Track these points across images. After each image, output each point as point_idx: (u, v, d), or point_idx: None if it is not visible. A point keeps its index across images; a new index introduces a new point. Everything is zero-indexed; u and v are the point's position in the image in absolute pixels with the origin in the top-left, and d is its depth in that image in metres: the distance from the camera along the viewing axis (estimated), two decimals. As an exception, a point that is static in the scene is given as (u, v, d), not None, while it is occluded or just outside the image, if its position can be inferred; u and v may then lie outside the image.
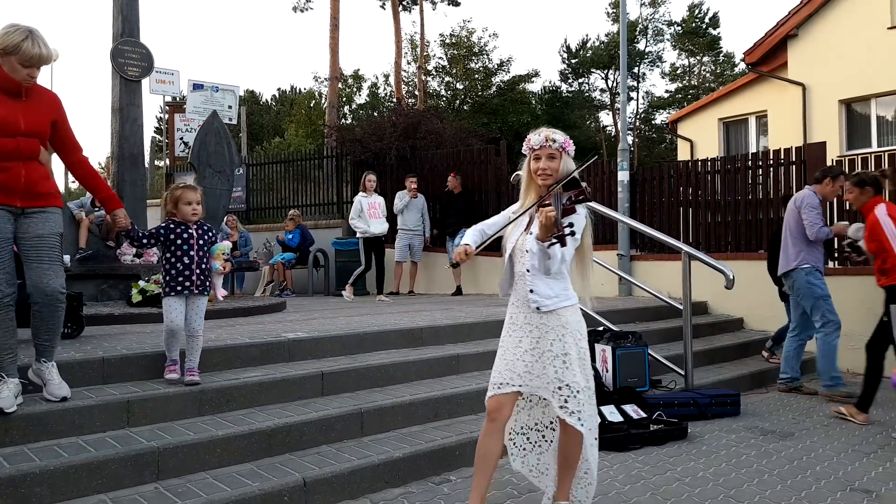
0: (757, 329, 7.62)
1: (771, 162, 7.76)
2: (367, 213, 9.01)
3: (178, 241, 3.99)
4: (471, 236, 3.16)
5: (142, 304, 6.35)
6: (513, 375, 3.00)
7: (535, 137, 3.02)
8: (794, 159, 7.54)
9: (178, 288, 3.94)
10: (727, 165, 8.27)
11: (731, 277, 5.13)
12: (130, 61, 7.39)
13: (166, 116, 15.32)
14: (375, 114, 12.09)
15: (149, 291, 6.41)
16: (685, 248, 5.41)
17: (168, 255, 3.99)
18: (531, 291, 3.01)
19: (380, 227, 9.07)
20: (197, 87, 13.81)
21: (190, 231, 4.03)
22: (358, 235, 9.22)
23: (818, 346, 5.77)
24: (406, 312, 6.89)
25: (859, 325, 6.90)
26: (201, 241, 4.05)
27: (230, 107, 13.82)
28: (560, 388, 2.96)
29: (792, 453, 4.31)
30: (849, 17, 14.75)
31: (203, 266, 4.02)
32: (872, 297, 6.82)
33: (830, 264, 7.27)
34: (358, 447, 3.82)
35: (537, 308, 3.01)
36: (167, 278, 3.97)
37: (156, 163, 18.47)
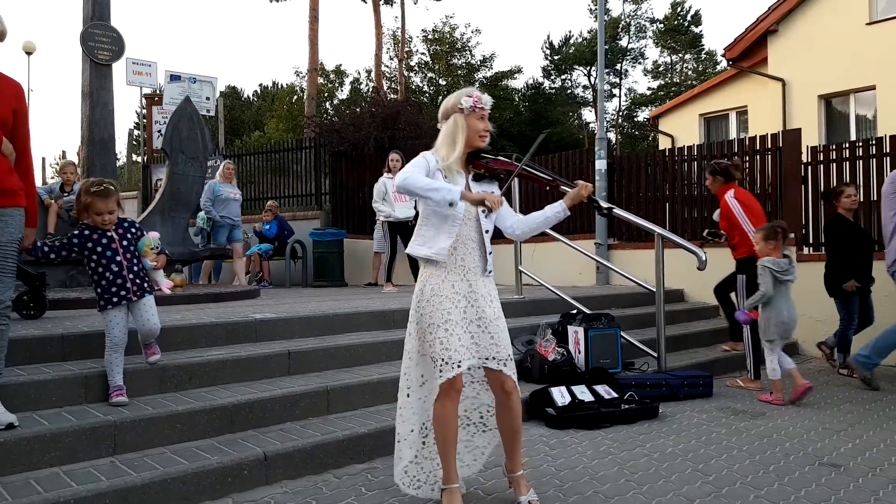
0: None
1: (747, 149, 7.77)
2: (392, 195, 8.39)
3: (99, 249, 3.57)
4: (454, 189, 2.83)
5: (111, 290, 6.24)
6: (466, 350, 2.87)
7: (486, 97, 2.98)
8: (769, 146, 7.56)
9: (115, 299, 3.55)
10: (704, 153, 8.27)
11: (704, 259, 5.11)
12: (101, 45, 7.26)
13: (145, 111, 15.14)
14: (358, 110, 11.89)
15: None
16: (658, 229, 5.39)
17: (93, 265, 3.58)
18: (490, 254, 3.00)
19: (405, 210, 8.35)
20: (174, 78, 13.66)
21: (109, 235, 3.59)
22: (381, 219, 8.66)
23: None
24: (381, 298, 6.84)
25: (833, 311, 6.94)
26: (125, 242, 3.63)
27: (208, 98, 13.67)
28: (499, 352, 2.93)
29: (762, 431, 4.30)
30: (828, 13, 14.86)
31: (136, 268, 3.64)
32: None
33: (806, 251, 7.30)
34: (323, 424, 3.77)
35: (490, 272, 3.02)
36: (99, 290, 3.56)
37: (134, 157, 18.25)
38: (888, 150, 6.85)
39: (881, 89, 13.77)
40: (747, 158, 7.76)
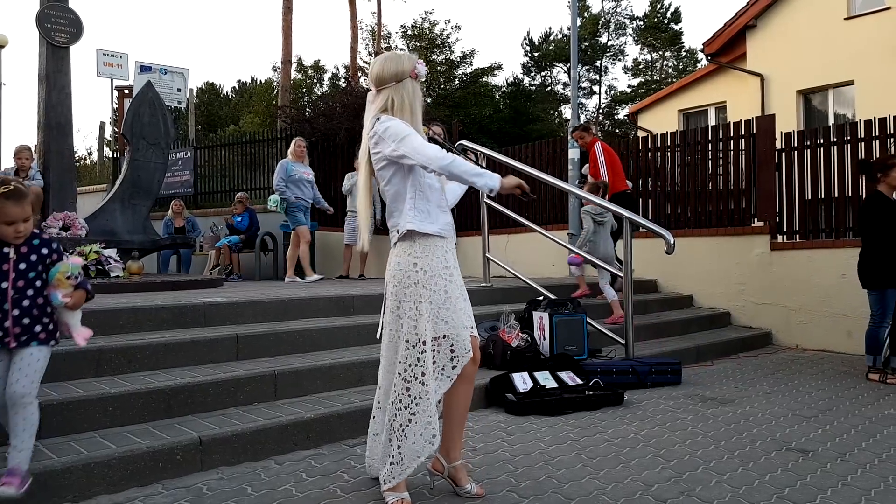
0: (706, 306, 7.52)
1: (721, 136, 7.67)
2: None
3: None
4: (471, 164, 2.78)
5: (63, 277, 6.01)
6: (469, 320, 2.79)
7: (422, 68, 2.83)
8: (743, 133, 7.46)
9: None
10: (678, 142, 8.15)
11: (672, 242, 4.97)
12: (58, 26, 7.02)
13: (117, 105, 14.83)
14: (329, 103, 11.65)
15: (71, 264, 6.07)
16: (625, 213, 5.24)
17: None
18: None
19: None
20: (145, 69, 13.38)
21: (5, 251, 2.64)
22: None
23: None
24: (342, 285, 6.65)
25: (806, 300, 6.85)
26: (23, 266, 2.64)
27: (179, 90, 13.42)
28: (472, 321, 2.84)
29: (729, 417, 4.16)
30: (806, 8, 14.85)
31: (28, 302, 2.63)
32: (821, 271, 6.77)
33: (779, 239, 7.20)
34: (269, 409, 3.57)
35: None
36: None
37: (105, 153, 17.93)
38: (862, 136, 6.75)
39: (859, 84, 13.77)
40: (721, 146, 7.66)
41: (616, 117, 33.90)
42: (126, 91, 14.27)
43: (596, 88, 34.63)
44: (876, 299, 5.27)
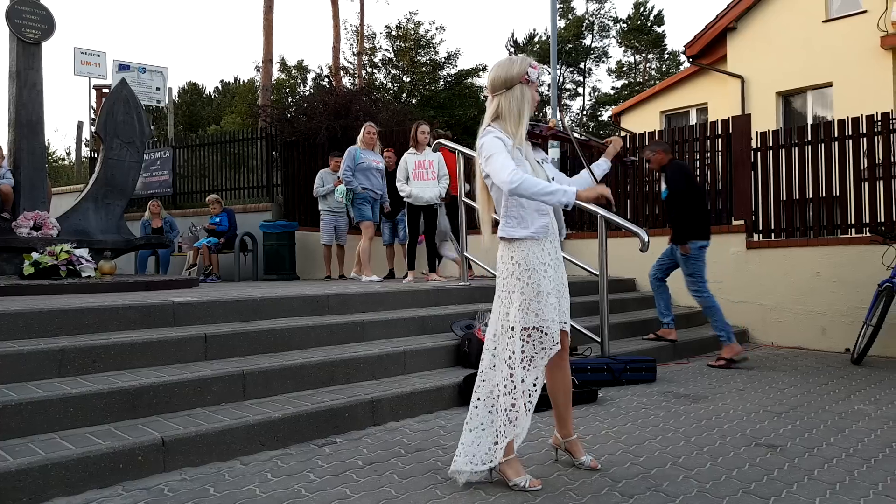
0: (683, 304, 7.52)
1: (697, 136, 7.69)
2: (413, 173, 7.22)
3: None
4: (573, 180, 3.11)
5: (34, 277, 5.93)
6: (565, 315, 2.98)
7: (535, 72, 2.92)
8: (719, 133, 7.49)
9: None
10: (664, 140, 8.15)
11: (646, 240, 4.96)
12: (29, 23, 6.94)
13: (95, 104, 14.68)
14: (307, 104, 11.57)
15: (42, 264, 5.99)
16: (601, 211, 5.23)
17: None
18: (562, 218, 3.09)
19: (426, 190, 7.19)
20: (123, 67, 13.27)
21: None
22: (405, 200, 7.35)
23: None
24: (317, 284, 6.60)
25: (782, 298, 6.89)
26: None
27: (158, 89, 13.31)
28: (569, 316, 3.04)
29: (701, 414, 4.16)
30: (785, 11, 14.96)
31: None
32: (796, 269, 6.80)
33: (755, 237, 7.23)
34: (237, 409, 3.53)
35: (564, 236, 3.09)
36: None
37: (83, 153, 17.73)
38: (836, 135, 6.80)
39: (837, 85, 13.89)
40: (698, 143, 7.69)
41: (600, 119, 34.01)
42: (104, 90, 14.14)
43: (580, 90, 34.74)
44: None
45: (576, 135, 3.27)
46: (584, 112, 34.10)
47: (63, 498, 2.72)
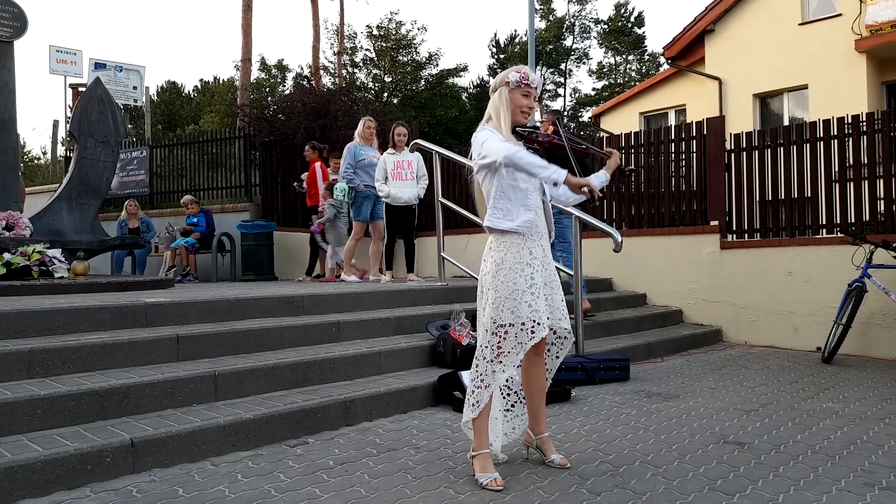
0: (659, 304, 7.61)
1: (673, 138, 7.76)
2: (392, 173, 7.20)
3: None
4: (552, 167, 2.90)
5: (5, 278, 5.86)
6: (545, 311, 2.98)
7: (533, 74, 3.05)
8: (694, 134, 7.57)
9: None
10: (640, 141, 8.23)
11: (619, 241, 5.00)
12: (0, 20, 6.85)
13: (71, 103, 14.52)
14: (287, 103, 11.53)
15: (14, 264, 5.93)
16: (575, 211, 5.27)
17: None
18: (552, 219, 3.13)
19: (405, 191, 7.19)
20: (99, 66, 13.15)
21: None
22: (384, 200, 7.35)
23: None
24: (293, 284, 6.58)
25: (755, 298, 6.97)
26: None
27: (135, 87, 13.20)
28: (564, 315, 3.10)
29: (672, 412, 4.21)
30: (762, 13, 15.15)
31: None
32: (769, 269, 6.89)
33: (729, 238, 7.31)
34: (208, 410, 3.52)
35: (553, 237, 3.16)
36: None
37: (59, 152, 17.53)
38: (808, 137, 6.90)
39: (813, 87, 14.08)
40: (673, 144, 7.76)
41: (581, 119, 34.18)
42: (81, 88, 14.00)
43: (560, 91, 34.90)
44: None
45: (575, 142, 3.31)
46: (566, 113, 34.25)
47: (29, 500, 2.70)
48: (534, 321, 2.90)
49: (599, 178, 3.23)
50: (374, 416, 3.97)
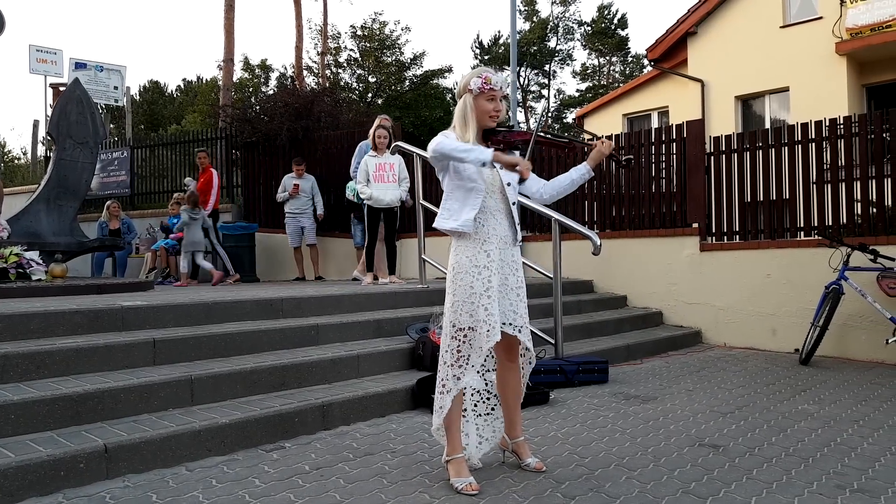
0: (639, 306, 7.66)
1: (653, 140, 7.81)
2: (373, 175, 7.21)
3: None
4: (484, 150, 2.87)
5: (-19, 281, 5.81)
6: (496, 317, 2.95)
7: (495, 77, 3.02)
8: (675, 137, 7.61)
9: None
10: (621, 144, 8.26)
11: (598, 244, 5.03)
12: (-22, 20, 6.78)
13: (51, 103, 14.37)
14: (270, 103, 11.48)
15: (-10, 267, 5.87)
16: (554, 214, 5.30)
17: None
18: (518, 224, 3.10)
19: (387, 193, 7.21)
20: (80, 65, 13.03)
21: None
22: (365, 202, 7.30)
23: None
24: (272, 287, 6.55)
25: (734, 299, 7.03)
26: None
27: (116, 87, 13.09)
28: (516, 319, 3.04)
29: (649, 415, 4.24)
30: (744, 16, 15.26)
31: None
32: (748, 271, 6.95)
33: (709, 240, 7.37)
34: (184, 415, 3.50)
35: (519, 242, 3.12)
36: None
37: (39, 152, 17.36)
38: (786, 141, 6.96)
39: (794, 90, 14.20)
40: (653, 147, 7.81)
41: (564, 121, 34.31)
42: (61, 88, 13.87)
43: (545, 92, 35.00)
44: None
45: (549, 135, 3.28)
46: (549, 114, 34.38)
47: (0, 507, 2.67)
48: (489, 325, 2.90)
49: (578, 171, 3.24)
50: (352, 420, 3.97)
